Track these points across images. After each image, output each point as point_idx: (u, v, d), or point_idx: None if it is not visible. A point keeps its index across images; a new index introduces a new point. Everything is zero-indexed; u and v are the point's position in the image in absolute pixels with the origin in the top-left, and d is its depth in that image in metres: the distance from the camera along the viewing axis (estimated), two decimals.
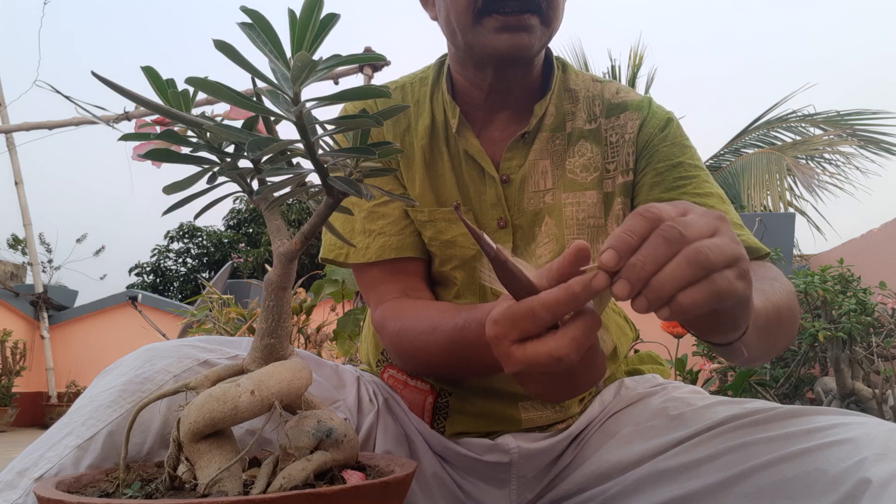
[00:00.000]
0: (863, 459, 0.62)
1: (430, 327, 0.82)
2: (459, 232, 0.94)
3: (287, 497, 0.45)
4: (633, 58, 7.79)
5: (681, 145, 0.96)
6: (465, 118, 0.96)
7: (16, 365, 5.33)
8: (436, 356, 0.83)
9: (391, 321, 0.88)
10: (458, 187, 0.96)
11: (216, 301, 2.86)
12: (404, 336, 0.86)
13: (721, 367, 2.73)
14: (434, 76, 1.00)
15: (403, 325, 0.86)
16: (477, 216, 0.95)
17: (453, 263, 0.95)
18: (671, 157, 0.94)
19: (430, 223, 0.96)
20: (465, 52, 0.92)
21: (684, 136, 0.98)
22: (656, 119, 0.97)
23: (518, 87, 0.95)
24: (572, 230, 0.94)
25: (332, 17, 0.45)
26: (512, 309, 0.54)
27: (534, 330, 0.53)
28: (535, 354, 0.53)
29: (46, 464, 0.69)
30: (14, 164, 5.66)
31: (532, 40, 0.87)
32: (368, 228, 0.96)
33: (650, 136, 0.96)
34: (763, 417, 0.75)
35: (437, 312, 0.84)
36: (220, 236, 14.73)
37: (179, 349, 0.78)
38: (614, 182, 0.96)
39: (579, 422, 0.94)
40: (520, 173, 0.95)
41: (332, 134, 0.50)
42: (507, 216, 0.94)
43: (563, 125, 0.97)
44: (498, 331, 0.55)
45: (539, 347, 0.53)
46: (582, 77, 1.01)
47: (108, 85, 0.48)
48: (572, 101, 0.99)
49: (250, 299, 3.08)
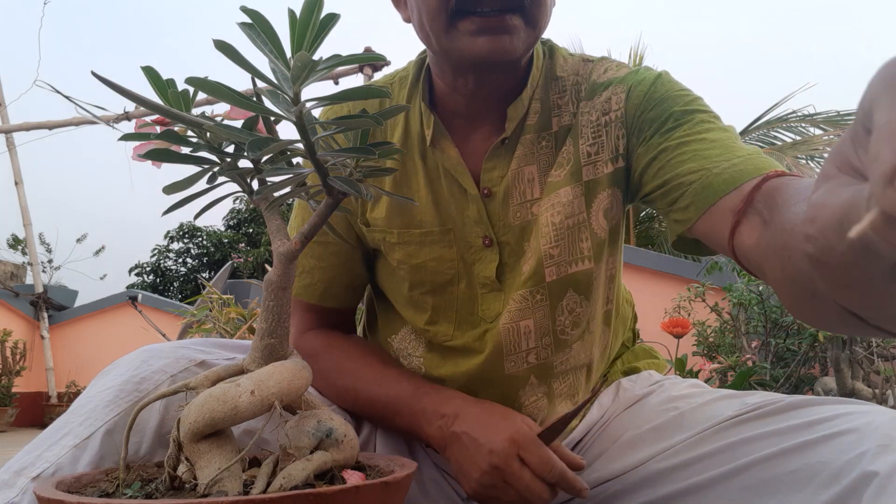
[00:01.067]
0: (865, 451, 0.62)
1: (376, 382, 0.88)
2: (431, 256, 0.88)
3: (287, 497, 0.45)
4: (634, 58, 7.79)
5: (671, 98, 0.81)
6: (445, 126, 0.87)
7: (16, 365, 5.33)
8: (363, 407, 0.90)
9: (325, 357, 0.92)
10: (435, 205, 0.87)
11: (216, 301, 2.86)
12: (341, 375, 0.90)
13: (721, 367, 2.72)
14: (413, 77, 0.90)
15: (340, 366, 0.90)
16: (459, 235, 0.87)
17: (424, 288, 0.89)
18: (660, 116, 0.80)
19: (400, 245, 0.89)
20: (442, 57, 0.82)
21: (676, 87, 0.82)
22: (643, 85, 0.83)
23: (502, 92, 0.85)
24: (548, 238, 0.85)
25: (332, 17, 0.45)
26: (545, 451, 0.76)
27: (539, 472, 0.75)
28: (529, 480, 0.74)
29: (44, 463, 0.69)
30: (14, 164, 5.66)
31: (515, 43, 0.77)
32: (301, 262, 0.92)
33: (636, 105, 0.83)
34: (764, 412, 0.75)
35: (380, 367, 0.90)
36: (220, 236, 14.72)
37: (176, 350, 0.78)
38: (598, 169, 0.85)
39: (579, 429, 0.93)
40: (502, 185, 0.86)
41: (332, 134, 0.50)
42: (492, 233, 0.86)
43: (548, 123, 0.86)
44: (522, 442, 0.76)
45: (533, 482, 0.74)
46: (571, 61, 0.89)
47: (108, 85, 0.47)
48: (560, 91, 0.87)
49: (250, 299, 3.08)
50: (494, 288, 0.88)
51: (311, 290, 0.95)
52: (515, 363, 0.88)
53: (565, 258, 0.86)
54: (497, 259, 0.87)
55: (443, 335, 0.90)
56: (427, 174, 0.88)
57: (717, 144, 0.74)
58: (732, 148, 0.73)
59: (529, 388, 0.89)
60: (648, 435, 0.84)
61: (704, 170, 0.72)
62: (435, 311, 0.90)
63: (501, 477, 0.75)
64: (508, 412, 0.80)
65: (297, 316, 0.98)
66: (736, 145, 0.73)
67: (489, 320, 0.88)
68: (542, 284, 0.86)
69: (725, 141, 0.74)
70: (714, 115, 0.80)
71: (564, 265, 0.86)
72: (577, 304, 0.88)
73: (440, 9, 0.76)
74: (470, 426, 0.79)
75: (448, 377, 0.90)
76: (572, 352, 0.90)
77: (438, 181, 0.88)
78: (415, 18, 0.82)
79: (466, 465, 0.78)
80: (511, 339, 0.87)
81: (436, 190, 0.88)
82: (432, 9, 0.77)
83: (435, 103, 0.89)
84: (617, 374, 1.00)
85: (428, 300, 0.90)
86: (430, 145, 0.87)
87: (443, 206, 0.88)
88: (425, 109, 0.88)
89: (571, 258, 0.86)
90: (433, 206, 0.88)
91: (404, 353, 0.95)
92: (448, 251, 0.88)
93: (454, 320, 0.90)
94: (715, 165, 0.71)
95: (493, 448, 0.76)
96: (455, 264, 0.88)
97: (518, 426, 0.77)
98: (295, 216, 0.95)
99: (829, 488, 0.63)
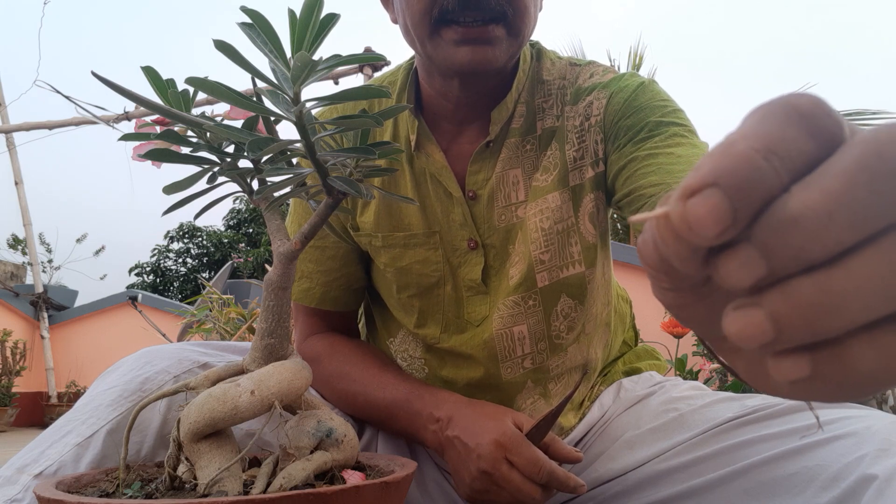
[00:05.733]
0: (864, 455, 0.62)
1: (375, 385, 0.87)
2: (416, 259, 0.89)
3: (287, 497, 0.45)
4: (633, 58, 7.79)
5: (649, 108, 0.81)
6: (432, 130, 0.88)
7: (16, 365, 5.32)
8: (363, 411, 0.89)
9: (327, 361, 0.91)
10: (422, 208, 0.88)
11: (216, 301, 2.86)
12: (342, 379, 0.90)
13: (721, 367, 2.72)
14: (402, 82, 0.91)
15: (341, 370, 0.90)
16: (445, 238, 0.88)
17: (411, 291, 0.90)
18: (636, 125, 0.80)
19: (386, 249, 0.90)
20: (428, 62, 0.83)
21: (658, 97, 0.82)
22: (625, 92, 0.83)
23: (488, 97, 0.86)
24: (538, 244, 0.85)
25: (332, 17, 0.45)
26: (533, 451, 0.74)
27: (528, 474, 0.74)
28: (519, 482, 0.73)
29: (46, 461, 0.69)
30: (14, 164, 5.66)
31: (497, 53, 0.77)
32: (299, 266, 0.93)
33: (615, 112, 0.83)
34: (764, 415, 0.75)
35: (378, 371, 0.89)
36: (220, 236, 14.72)
37: (179, 352, 0.78)
38: (583, 174, 0.86)
39: (579, 428, 0.93)
40: (487, 188, 0.87)
41: (332, 134, 0.50)
42: (477, 236, 0.87)
43: (533, 126, 0.87)
44: (508, 444, 0.74)
45: (524, 484, 0.73)
46: (559, 65, 0.90)
47: (108, 85, 0.47)
48: (545, 95, 0.88)
49: (250, 299, 3.08)
50: (480, 291, 0.89)
51: (310, 294, 0.95)
52: (512, 369, 0.88)
53: (556, 263, 0.87)
54: (482, 262, 0.88)
55: (431, 338, 0.91)
56: (414, 178, 0.89)
57: (682, 160, 0.75)
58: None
59: (526, 392, 0.90)
60: (648, 435, 0.84)
61: (664, 184, 0.73)
62: (422, 313, 0.91)
63: (491, 481, 0.75)
64: (498, 412, 0.79)
65: (299, 321, 0.98)
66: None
67: (475, 323, 0.89)
68: (535, 290, 0.87)
69: (691, 158, 0.75)
70: (689, 130, 0.80)
71: (556, 270, 0.87)
72: (572, 308, 0.89)
73: (424, 16, 0.77)
74: (461, 430, 0.78)
75: (450, 379, 0.91)
76: (568, 355, 0.90)
77: (424, 184, 0.89)
78: (401, 22, 0.83)
79: (460, 469, 0.78)
80: (505, 345, 0.88)
81: (422, 193, 0.89)
82: (416, 15, 0.77)
83: (423, 107, 0.90)
84: (618, 374, 1.00)
85: (415, 303, 0.91)
86: (415, 149, 0.88)
87: (429, 210, 0.89)
88: (410, 114, 0.89)
89: (562, 263, 0.87)
90: (419, 210, 0.89)
91: (406, 354, 0.95)
92: (433, 254, 0.89)
93: (441, 322, 0.90)
94: (675, 181, 0.73)
95: (480, 453, 0.75)
96: (440, 267, 0.89)
97: (504, 428, 0.76)
98: (290, 222, 0.95)
99: (829, 491, 0.63)
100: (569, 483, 0.74)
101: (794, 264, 0.21)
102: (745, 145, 0.21)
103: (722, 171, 0.21)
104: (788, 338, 0.21)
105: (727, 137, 0.22)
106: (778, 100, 0.22)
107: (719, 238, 0.21)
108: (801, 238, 0.20)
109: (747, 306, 0.22)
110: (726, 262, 0.21)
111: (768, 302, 0.21)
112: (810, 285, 0.21)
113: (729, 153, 0.21)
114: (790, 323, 0.21)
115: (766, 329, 0.21)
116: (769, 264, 0.21)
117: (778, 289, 0.21)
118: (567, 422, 0.93)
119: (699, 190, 0.21)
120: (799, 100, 0.22)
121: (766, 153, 0.21)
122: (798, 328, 0.21)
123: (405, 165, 0.89)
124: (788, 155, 0.21)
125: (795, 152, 0.21)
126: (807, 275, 0.21)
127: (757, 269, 0.21)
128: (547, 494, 0.75)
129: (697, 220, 0.21)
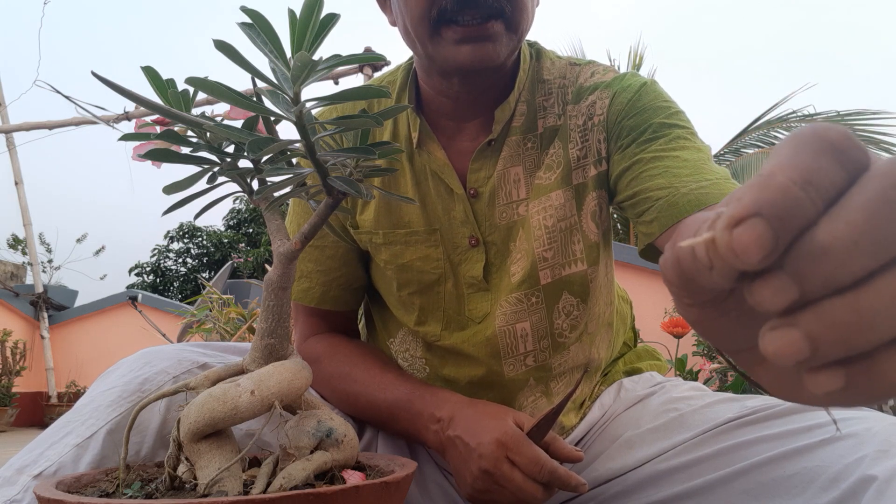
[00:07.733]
0: (864, 456, 0.62)
1: (376, 386, 0.87)
2: (416, 256, 0.89)
3: (287, 497, 0.45)
4: (634, 58, 7.78)
5: (652, 109, 0.82)
6: (433, 128, 0.89)
7: (16, 365, 5.33)
8: (364, 412, 0.89)
9: (327, 362, 0.91)
10: (422, 206, 0.89)
11: (216, 301, 2.86)
12: (342, 380, 0.90)
13: (721, 367, 2.72)
14: (401, 81, 0.92)
15: (341, 371, 0.90)
16: (446, 235, 0.88)
17: (411, 288, 0.90)
18: (639, 126, 0.81)
19: (386, 246, 0.90)
20: (428, 62, 0.84)
21: (660, 98, 0.83)
22: (627, 91, 0.84)
23: (488, 94, 0.86)
24: (541, 241, 0.86)
25: (332, 17, 0.45)
26: (534, 450, 0.74)
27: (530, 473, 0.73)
28: (521, 482, 0.73)
29: (46, 461, 0.69)
30: (14, 164, 5.66)
31: (498, 49, 0.78)
32: (298, 266, 0.93)
33: (618, 111, 0.84)
34: (764, 415, 0.75)
35: (379, 371, 0.89)
36: (220, 236, 14.73)
37: (178, 352, 0.78)
38: (586, 172, 0.86)
39: (580, 428, 0.93)
40: (489, 185, 0.87)
41: (332, 134, 0.50)
42: (478, 233, 0.88)
43: (534, 125, 0.88)
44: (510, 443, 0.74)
45: (525, 483, 0.73)
46: (558, 64, 0.90)
47: (108, 85, 0.47)
48: (545, 94, 0.88)
49: (250, 299, 3.09)
50: (481, 288, 0.89)
51: (310, 293, 0.95)
52: (514, 366, 0.88)
53: (559, 261, 0.87)
54: (483, 259, 0.88)
55: (431, 335, 0.91)
56: (414, 176, 0.89)
57: (689, 164, 0.76)
58: (703, 170, 0.75)
59: (528, 390, 0.90)
60: (648, 435, 0.84)
61: (672, 188, 0.74)
62: (422, 311, 0.91)
63: (493, 480, 0.75)
64: (500, 411, 0.79)
65: (299, 321, 0.98)
66: (706, 167, 0.76)
67: (477, 321, 0.89)
68: (538, 287, 0.87)
69: (697, 161, 0.76)
70: (691, 132, 0.81)
71: (558, 268, 0.87)
72: (574, 307, 0.89)
73: (423, 17, 0.78)
74: (462, 430, 0.78)
75: (452, 378, 0.91)
76: (570, 353, 0.90)
77: (425, 182, 0.89)
78: (400, 24, 0.83)
79: (461, 469, 0.78)
80: (508, 342, 0.88)
81: (423, 191, 0.89)
82: (415, 16, 0.78)
83: (422, 106, 0.90)
84: (619, 374, 1.00)
85: (416, 300, 0.91)
86: (417, 147, 0.89)
87: (430, 207, 0.89)
88: (411, 112, 0.89)
89: (565, 260, 0.87)
90: (420, 207, 0.89)
91: (406, 354, 0.95)
92: (434, 251, 0.89)
93: (441, 320, 0.90)
94: (683, 185, 0.73)
95: (481, 452, 0.75)
96: (441, 264, 0.89)
97: (506, 427, 0.76)
98: (290, 222, 0.95)
99: (828, 492, 0.63)
100: (570, 482, 0.74)
101: (824, 288, 0.23)
102: (784, 177, 0.23)
103: (764, 202, 0.23)
104: (824, 354, 0.23)
105: (765, 169, 0.24)
106: (808, 132, 0.25)
107: (761, 264, 0.23)
108: (831, 265, 0.23)
109: (784, 326, 0.24)
110: (761, 288, 0.24)
111: (804, 322, 0.23)
112: (842, 306, 0.23)
113: (769, 185, 0.23)
114: (826, 341, 0.23)
115: (803, 347, 0.23)
116: (801, 289, 0.23)
117: (812, 310, 0.23)
118: (568, 421, 0.93)
119: (744, 219, 0.23)
120: (828, 132, 0.24)
121: (802, 184, 0.23)
122: (833, 345, 0.23)
123: (405, 163, 0.90)
124: (822, 185, 0.23)
125: (828, 182, 0.23)
126: (838, 296, 0.23)
127: (790, 294, 0.23)
128: (548, 493, 0.75)
129: (742, 248, 0.23)
